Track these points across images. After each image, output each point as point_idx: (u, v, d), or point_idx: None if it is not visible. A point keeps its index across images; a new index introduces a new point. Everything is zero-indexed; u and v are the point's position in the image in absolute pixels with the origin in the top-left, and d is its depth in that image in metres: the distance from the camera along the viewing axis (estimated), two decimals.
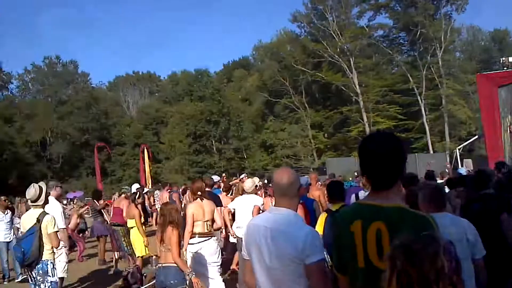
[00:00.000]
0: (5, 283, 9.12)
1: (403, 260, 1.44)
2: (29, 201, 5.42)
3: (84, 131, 53.56)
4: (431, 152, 36.14)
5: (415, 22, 38.36)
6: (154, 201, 18.45)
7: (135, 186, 11.50)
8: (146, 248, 8.37)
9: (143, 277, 7.68)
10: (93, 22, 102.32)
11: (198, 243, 6.01)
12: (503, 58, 24.92)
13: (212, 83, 51.51)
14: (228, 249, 8.78)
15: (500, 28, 50.78)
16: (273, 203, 2.77)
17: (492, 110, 22.26)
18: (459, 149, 27.68)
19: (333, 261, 2.33)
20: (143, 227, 8.82)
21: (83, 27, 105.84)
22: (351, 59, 41.11)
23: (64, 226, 6.75)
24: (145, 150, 28.56)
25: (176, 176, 41.94)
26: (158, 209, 16.07)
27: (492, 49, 46.22)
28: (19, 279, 9.02)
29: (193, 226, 6.02)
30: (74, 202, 23.51)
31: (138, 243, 8.38)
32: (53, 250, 5.24)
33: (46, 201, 5.51)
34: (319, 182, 10.74)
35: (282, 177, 2.57)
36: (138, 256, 8.44)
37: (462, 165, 23.59)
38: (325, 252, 2.63)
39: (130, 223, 8.55)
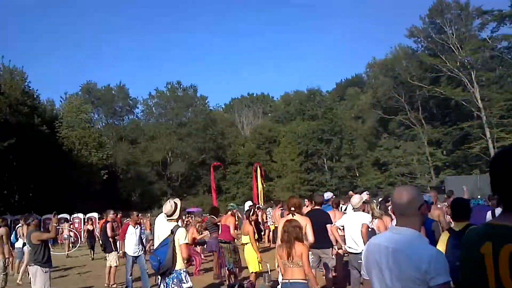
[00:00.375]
0: None
1: None
2: (165, 215, 5.92)
3: (201, 151, 58.41)
4: None
5: None
6: (266, 219, 19.25)
7: (248, 204, 12.15)
8: (260, 264, 8.60)
9: None
10: (211, 48, 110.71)
11: None
12: None
13: (324, 102, 53.54)
14: (339, 267, 8.82)
15: None
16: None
17: None
18: None
19: (458, 284, 2.27)
20: (257, 243, 9.08)
21: (202, 53, 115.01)
22: (472, 72, 40.40)
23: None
24: (258, 169, 30.54)
25: (287, 194, 44.23)
26: (270, 226, 17.42)
27: None
28: None
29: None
30: (193, 218, 26.04)
31: (252, 259, 8.64)
32: (183, 260, 5.65)
33: (180, 216, 6.05)
34: (439, 201, 10.70)
35: (401, 196, 2.60)
36: (252, 272, 8.68)
37: None
38: None
39: (244, 239, 9.00)
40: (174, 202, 5.85)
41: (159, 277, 5.68)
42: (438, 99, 42.95)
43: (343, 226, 7.65)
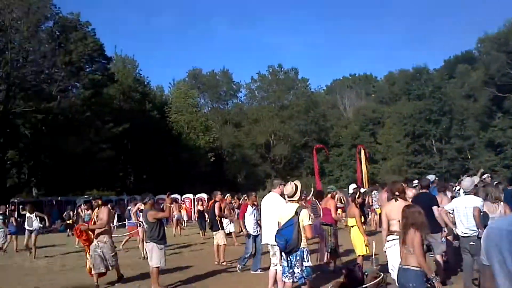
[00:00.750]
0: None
1: None
2: (286, 196, 6.39)
3: (303, 134, 59.40)
4: None
5: None
6: (371, 202, 19.16)
7: (352, 186, 12.55)
8: (367, 247, 8.67)
9: (364, 276, 7.82)
10: (311, 28, 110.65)
11: (392, 240, 6.38)
12: None
13: (432, 80, 51.94)
14: (449, 251, 8.77)
15: None
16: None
17: None
18: None
19: None
20: (363, 226, 9.18)
21: (302, 35, 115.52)
22: None
23: None
24: (362, 151, 30.48)
25: (393, 177, 43.87)
26: (376, 210, 17.30)
27: None
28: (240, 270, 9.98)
29: (388, 224, 6.54)
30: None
31: (359, 242, 8.77)
32: (306, 240, 5.95)
33: (300, 197, 6.37)
34: None
35: None
36: (359, 255, 8.76)
37: None
38: None
39: (350, 222, 9.08)
40: (295, 184, 6.18)
41: (283, 254, 6.03)
42: None
43: (452, 210, 7.57)
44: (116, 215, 24.77)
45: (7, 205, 17.61)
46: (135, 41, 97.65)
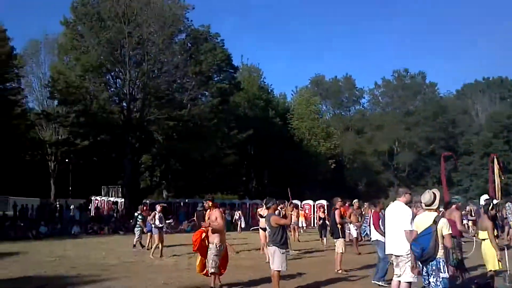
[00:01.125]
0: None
1: None
2: (423, 204, 6.27)
3: (430, 141, 57.41)
4: None
5: None
6: (506, 214, 18.20)
7: (484, 197, 11.86)
8: (499, 262, 8.36)
9: None
10: (437, 32, 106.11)
11: None
12: None
13: None
14: None
15: None
16: None
17: None
18: None
19: None
20: (496, 240, 8.81)
21: (429, 38, 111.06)
22: None
23: (411, 228, 6.84)
24: (495, 160, 28.81)
25: None
26: (510, 223, 16.59)
27: None
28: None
29: None
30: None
31: (490, 256, 8.44)
32: (445, 250, 5.94)
33: (439, 206, 6.36)
34: None
35: None
36: (490, 270, 8.49)
37: None
38: None
39: (482, 235, 8.78)
40: (433, 193, 6.13)
41: (419, 264, 6.00)
42: None
43: None
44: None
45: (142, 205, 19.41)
46: (259, 48, 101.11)
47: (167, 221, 16.74)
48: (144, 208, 18.31)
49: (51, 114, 39.49)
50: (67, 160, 42.39)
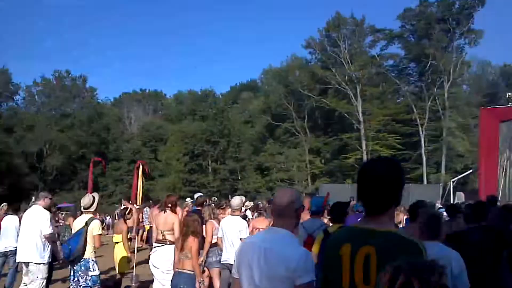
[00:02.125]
0: None
1: (407, 272, 1.51)
2: (82, 207, 6.56)
3: (82, 145, 57.84)
4: (425, 183, 38.56)
5: (426, 54, 41.12)
6: (143, 218, 18.65)
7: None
8: (128, 264, 9.06)
9: None
10: (105, 39, 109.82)
11: (155, 247, 7.37)
12: (509, 94, 28.04)
13: (217, 103, 55.57)
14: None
15: (510, 64, 52.96)
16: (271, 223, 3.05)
17: (491, 144, 24.44)
18: (453, 182, 30.10)
19: (318, 283, 2.52)
20: (129, 243, 9.32)
21: (95, 43, 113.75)
22: (357, 87, 44.03)
23: (51, 231, 7.08)
24: (141, 166, 30.98)
25: (167, 194, 45.27)
26: (146, 226, 17.11)
27: (500, 84, 48.74)
28: None
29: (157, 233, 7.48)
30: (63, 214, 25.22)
31: (121, 258, 8.94)
32: (94, 250, 6.32)
33: (96, 209, 6.69)
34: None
35: (283, 197, 2.82)
36: (119, 272, 9.05)
37: (454, 198, 26.26)
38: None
39: (116, 238, 9.31)
40: (93, 196, 6.56)
41: (69, 265, 6.36)
42: (324, 110, 46.24)
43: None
44: None
45: None
46: None
47: None
48: None
49: None
50: None
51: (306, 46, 49.10)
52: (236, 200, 8.01)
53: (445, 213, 8.02)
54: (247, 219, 9.72)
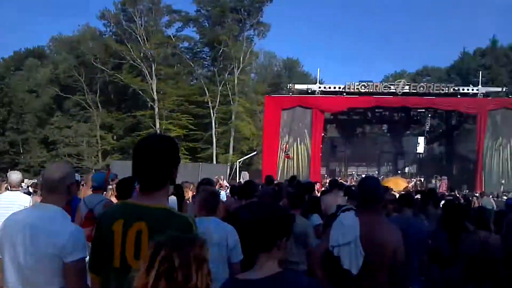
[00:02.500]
0: None
1: (168, 246, 1.59)
2: None
3: None
4: (215, 162, 41.21)
5: (219, 40, 43.16)
6: None
7: None
8: None
9: None
10: None
11: None
12: (290, 85, 31.15)
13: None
14: None
15: (292, 57, 60.01)
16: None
17: (274, 129, 27.11)
18: (239, 162, 32.65)
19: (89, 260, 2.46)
20: None
21: None
22: (153, 65, 44.24)
23: None
24: None
25: None
26: None
27: (283, 75, 54.62)
28: None
29: None
30: None
31: None
32: None
33: None
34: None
35: (54, 172, 2.72)
36: None
37: (240, 177, 28.50)
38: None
39: None
40: None
41: None
42: (118, 85, 45.60)
43: None
44: None
45: None
46: None
47: None
48: None
49: None
50: None
51: (100, 17, 47.42)
52: (14, 175, 7.02)
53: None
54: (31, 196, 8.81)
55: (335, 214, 5.01)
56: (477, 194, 19.50)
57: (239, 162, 32.48)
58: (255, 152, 36.96)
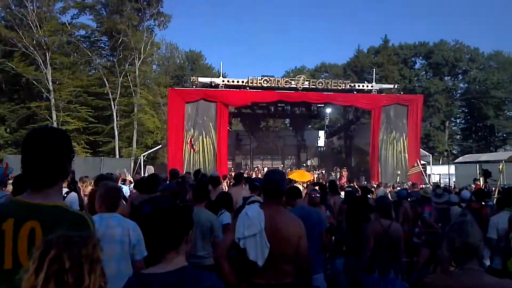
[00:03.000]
0: None
1: (58, 246, 1.50)
2: None
3: None
4: (118, 156, 40.33)
5: (118, 29, 41.95)
6: None
7: None
8: None
9: None
10: None
11: None
12: (194, 77, 31.20)
13: None
14: None
15: (195, 50, 59.85)
16: None
17: (178, 122, 27.21)
18: (143, 156, 32.27)
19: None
20: None
21: None
22: (47, 53, 42.06)
23: None
24: None
25: None
26: None
27: (186, 67, 54.66)
28: None
29: None
30: None
31: None
32: None
33: None
34: None
35: None
36: None
37: (145, 171, 28.22)
38: None
39: None
40: None
41: None
42: (10, 74, 43.08)
43: None
44: None
45: None
46: None
47: None
48: None
49: None
50: None
51: None
52: None
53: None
54: None
55: (243, 206, 5.40)
56: (374, 185, 21.00)
57: (144, 156, 32.20)
58: (160, 146, 36.79)
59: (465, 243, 2.82)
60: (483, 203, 9.06)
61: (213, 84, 28.99)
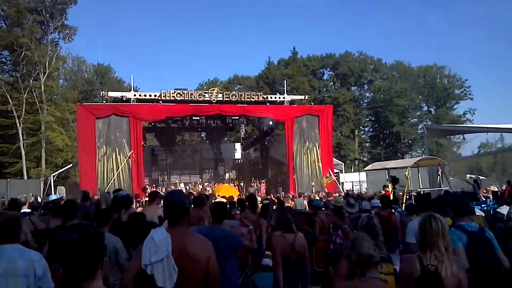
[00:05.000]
0: None
1: None
2: None
3: None
4: (26, 178, 38.03)
5: (20, 43, 39.84)
6: None
7: None
8: None
9: None
10: None
11: None
12: (103, 92, 30.08)
13: None
14: None
15: (103, 63, 58.07)
16: None
17: (89, 139, 25.92)
18: (53, 176, 30.56)
19: None
20: None
21: None
22: None
23: None
24: None
25: None
26: None
27: (95, 81, 52.94)
28: None
29: None
30: None
31: None
32: None
33: None
34: None
35: None
36: None
37: (55, 192, 26.63)
38: None
39: None
40: None
41: None
42: None
43: None
44: None
45: None
46: None
47: None
48: None
49: None
50: None
51: None
52: None
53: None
54: None
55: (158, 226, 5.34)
56: (291, 196, 21.29)
57: (54, 176, 30.57)
58: (71, 165, 35.04)
59: (360, 255, 3.49)
60: (393, 210, 9.44)
61: (124, 99, 28.17)
